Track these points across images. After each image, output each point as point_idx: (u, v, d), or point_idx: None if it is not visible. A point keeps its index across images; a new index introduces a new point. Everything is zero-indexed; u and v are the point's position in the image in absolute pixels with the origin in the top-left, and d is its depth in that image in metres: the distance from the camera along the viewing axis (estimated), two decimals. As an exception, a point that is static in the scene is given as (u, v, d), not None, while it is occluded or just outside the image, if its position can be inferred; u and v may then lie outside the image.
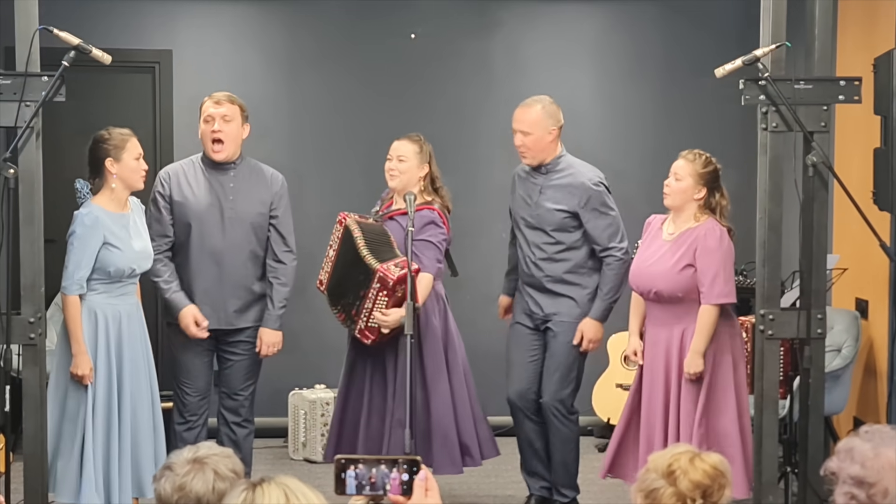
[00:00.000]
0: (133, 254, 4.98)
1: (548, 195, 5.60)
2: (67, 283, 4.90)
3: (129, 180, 5.01)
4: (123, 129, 5.06)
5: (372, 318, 5.25)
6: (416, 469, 2.45)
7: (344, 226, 5.35)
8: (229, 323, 5.47)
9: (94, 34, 5.11)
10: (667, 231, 5.20)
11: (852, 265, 6.36)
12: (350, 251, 5.28)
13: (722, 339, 5.13)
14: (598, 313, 5.58)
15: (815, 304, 4.76)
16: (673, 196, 5.17)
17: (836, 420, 6.53)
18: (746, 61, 4.72)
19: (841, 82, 4.75)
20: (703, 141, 7.04)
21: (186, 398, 5.48)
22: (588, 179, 5.58)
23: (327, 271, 5.42)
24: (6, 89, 4.58)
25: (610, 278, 5.54)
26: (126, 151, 4.98)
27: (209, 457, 2.69)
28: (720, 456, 2.89)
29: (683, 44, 7.54)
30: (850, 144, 6.55)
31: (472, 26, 7.53)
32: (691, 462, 2.80)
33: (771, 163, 4.75)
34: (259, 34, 7.52)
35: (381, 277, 5.18)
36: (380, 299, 5.22)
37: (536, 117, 5.58)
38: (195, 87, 7.13)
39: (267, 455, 6.86)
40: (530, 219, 5.64)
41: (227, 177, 5.45)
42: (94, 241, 4.88)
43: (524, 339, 5.71)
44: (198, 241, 5.39)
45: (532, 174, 5.67)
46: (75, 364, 4.89)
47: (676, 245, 5.13)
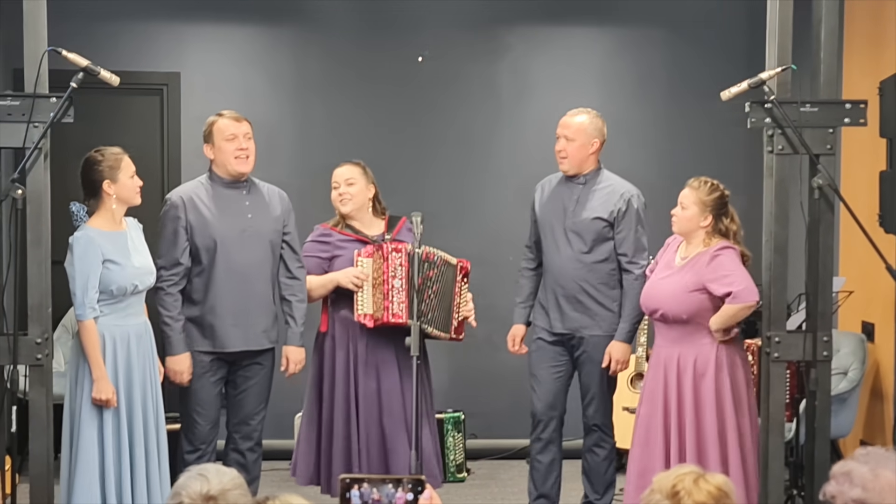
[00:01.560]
0: (133, 269, 4.92)
1: (587, 204, 5.59)
2: (80, 310, 4.82)
3: (128, 199, 4.96)
4: (114, 147, 4.99)
5: (460, 312, 5.50)
6: (421, 489, 2.45)
7: (405, 252, 5.32)
8: (258, 343, 5.40)
9: (102, 56, 5.13)
10: (679, 256, 5.20)
11: (858, 288, 6.36)
12: (429, 268, 5.32)
13: (732, 364, 5.10)
14: (624, 335, 5.57)
15: (822, 326, 4.76)
16: (679, 224, 5.18)
17: (843, 443, 6.52)
18: (752, 84, 4.74)
19: (847, 105, 4.76)
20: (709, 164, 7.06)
21: (198, 427, 5.39)
22: (627, 191, 5.62)
23: (403, 301, 5.31)
24: (15, 110, 4.60)
25: (631, 298, 5.53)
26: (121, 171, 4.93)
27: (222, 493, 2.64)
28: (725, 477, 2.88)
29: (689, 67, 7.56)
30: (856, 167, 6.56)
31: (479, 50, 7.56)
32: (695, 483, 2.79)
33: (777, 185, 4.76)
34: (266, 57, 7.55)
35: (462, 268, 5.48)
36: (464, 290, 5.50)
37: (583, 125, 5.59)
38: (203, 109, 7.12)
39: (273, 477, 6.85)
40: (567, 227, 5.62)
41: (241, 195, 5.42)
42: (93, 262, 4.82)
43: (548, 353, 5.67)
44: (223, 261, 5.31)
45: (569, 183, 5.67)
46: (97, 389, 4.80)
47: (686, 268, 5.12)
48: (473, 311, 5.58)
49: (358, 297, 5.34)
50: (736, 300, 4.98)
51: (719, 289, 5.02)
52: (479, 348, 7.29)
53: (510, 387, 7.17)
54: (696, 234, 5.14)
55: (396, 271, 5.31)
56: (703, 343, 5.08)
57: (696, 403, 5.05)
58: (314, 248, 5.52)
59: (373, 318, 5.31)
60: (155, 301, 5.23)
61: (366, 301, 5.32)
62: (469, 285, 5.55)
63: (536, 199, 5.77)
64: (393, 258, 5.32)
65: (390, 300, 5.29)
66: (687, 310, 5.07)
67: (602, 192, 5.62)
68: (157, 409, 5.03)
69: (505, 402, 7.28)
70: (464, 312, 5.53)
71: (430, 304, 5.33)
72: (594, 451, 5.69)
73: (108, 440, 4.84)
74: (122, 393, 4.88)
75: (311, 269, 5.49)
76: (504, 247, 7.04)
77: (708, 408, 5.03)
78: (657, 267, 5.30)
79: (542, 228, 5.71)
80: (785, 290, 4.84)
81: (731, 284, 5.00)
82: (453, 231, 6.55)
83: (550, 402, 5.65)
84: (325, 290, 5.45)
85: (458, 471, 6.93)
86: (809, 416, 4.83)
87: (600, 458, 5.68)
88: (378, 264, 5.33)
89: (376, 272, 5.32)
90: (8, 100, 4.62)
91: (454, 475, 6.85)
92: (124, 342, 4.92)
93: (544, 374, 5.68)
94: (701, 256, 5.11)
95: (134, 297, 4.97)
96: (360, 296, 5.34)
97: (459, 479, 6.90)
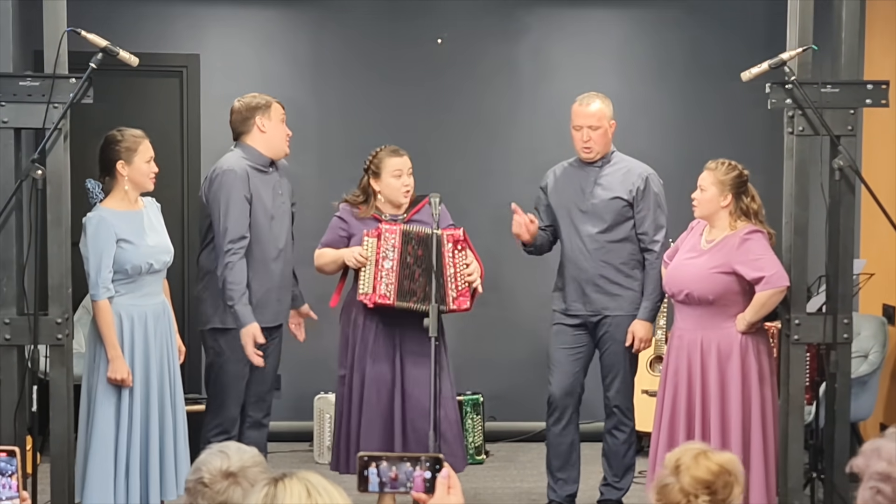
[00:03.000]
0: (147, 248, 4.91)
1: (605, 184, 5.58)
2: (94, 290, 4.83)
3: (140, 183, 4.95)
4: (136, 130, 4.99)
5: (460, 280, 5.29)
6: (439, 467, 2.45)
7: (401, 231, 5.28)
8: (285, 318, 5.55)
9: (122, 38, 5.13)
10: (705, 239, 5.16)
11: (879, 270, 6.33)
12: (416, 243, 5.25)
13: (758, 351, 5.06)
14: (647, 313, 5.57)
15: (842, 308, 4.74)
16: (700, 207, 5.15)
17: (863, 426, 6.50)
18: (773, 65, 4.72)
19: (868, 86, 4.73)
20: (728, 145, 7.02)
21: (230, 411, 5.38)
22: (644, 170, 5.63)
23: (392, 282, 5.26)
24: (35, 91, 4.61)
25: (653, 277, 5.53)
26: (138, 154, 4.92)
27: (242, 469, 2.66)
28: (732, 455, 2.91)
29: (709, 48, 7.53)
30: (878, 148, 6.52)
31: (498, 31, 7.53)
32: (695, 459, 2.85)
33: (797, 167, 4.74)
34: (286, 38, 7.55)
35: (449, 235, 5.25)
36: (458, 256, 5.27)
37: (601, 111, 5.59)
38: (222, 91, 7.16)
39: (292, 459, 6.88)
40: (585, 209, 5.61)
41: (272, 176, 5.43)
42: (106, 242, 4.82)
43: (568, 337, 5.67)
44: (268, 240, 5.33)
45: (584, 166, 5.66)
46: (112, 369, 4.81)
47: (714, 251, 5.08)
48: (476, 275, 5.33)
49: (360, 275, 5.34)
50: (768, 285, 4.91)
51: (750, 272, 4.96)
52: (498, 330, 7.29)
53: (529, 369, 7.16)
54: (718, 216, 5.11)
55: (388, 252, 5.27)
56: (727, 326, 5.05)
57: (721, 386, 5.02)
58: (337, 223, 5.51)
59: (368, 298, 5.29)
60: (223, 274, 5.18)
61: (366, 281, 5.31)
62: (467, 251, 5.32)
63: (548, 185, 5.75)
64: (386, 238, 5.28)
65: (379, 280, 5.28)
66: (713, 290, 5.04)
67: (618, 172, 5.62)
68: (175, 389, 5.03)
69: (524, 385, 7.28)
70: (465, 279, 5.32)
71: (420, 283, 5.25)
72: (614, 433, 5.69)
73: (124, 420, 4.86)
74: (137, 373, 4.88)
75: (330, 241, 5.48)
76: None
77: (733, 391, 4.99)
78: (681, 249, 5.27)
79: (559, 213, 5.70)
80: (805, 272, 4.82)
81: (762, 269, 4.94)
82: (470, 213, 6.53)
83: (567, 388, 5.64)
84: (336, 265, 5.44)
85: (477, 453, 6.94)
86: (829, 398, 4.82)
87: (620, 441, 5.68)
88: (376, 244, 5.32)
89: (375, 252, 5.32)
90: (28, 80, 4.63)
91: (473, 457, 6.85)
92: (141, 322, 4.92)
93: (563, 358, 5.67)
94: (729, 239, 5.07)
95: (150, 277, 4.96)
96: (362, 275, 5.33)
97: (478, 461, 6.91)
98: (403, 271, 5.25)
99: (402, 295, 5.24)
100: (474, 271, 5.32)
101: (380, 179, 5.39)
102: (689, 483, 2.80)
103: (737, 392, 5.00)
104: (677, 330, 5.20)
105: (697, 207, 5.17)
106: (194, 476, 2.68)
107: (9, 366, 4.69)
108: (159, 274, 5.02)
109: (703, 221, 5.22)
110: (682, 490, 2.81)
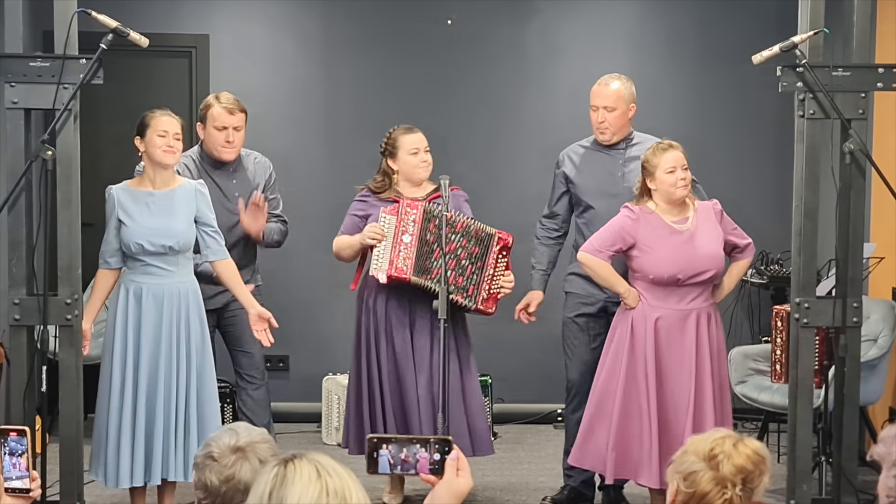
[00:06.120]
0: (142, 229, 4.90)
1: (635, 168, 5.44)
2: (100, 259, 5.01)
3: (152, 156, 4.96)
4: (164, 108, 5.06)
5: (495, 285, 5.39)
6: (448, 449, 2.46)
7: (422, 209, 5.29)
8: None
9: (131, 19, 5.13)
10: (679, 220, 5.11)
11: (889, 254, 6.31)
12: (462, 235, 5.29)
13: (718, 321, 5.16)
14: None
15: (851, 292, 4.74)
16: (688, 186, 5.13)
17: (872, 410, 6.49)
18: (784, 48, 4.70)
19: (880, 69, 4.72)
20: (740, 128, 7.02)
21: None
22: None
23: (409, 257, 5.27)
24: (45, 72, 4.62)
25: None
26: (150, 128, 4.96)
27: (251, 445, 2.68)
28: (761, 443, 2.90)
29: (720, 30, 7.50)
30: (889, 132, 6.50)
31: (508, 13, 7.51)
32: (735, 447, 2.82)
33: (808, 150, 4.73)
34: (295, 20, 7.53)
35: (501, 239, 5.38)
36: (500, 262, 5.39)
37: (620, 92, 5.52)
38: (232, 72, 7.16)
39: (300, 440, 6.89)
40: (616, 192, 5.47)
41: (228, 173, 5.57)
42: (109, 215, 4.96)
43: (586, 325, 5.60)
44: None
45: (608, 149, 5.59)
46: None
47: (703, 228, 5.07)
48: (508, 289, 5.45)
49: (375, 253, 5.33)
50: (748, 252, 5.24)
51: (739, 240, 5.21)
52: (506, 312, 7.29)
53: (537, 351, 7.16)
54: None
55: (408, 227, 5.27)
56: (708, 297, 5.15)
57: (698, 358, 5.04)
58: (355, 206, 5.52)
59: (384, 272, 5.27)
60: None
61: (382, 257, 5.30)
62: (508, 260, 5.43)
63: (567, 169, 5.64)
64: (406, 213, 5.28)
65: (397, 254, 5.27)
66: (722, 267, 5.14)
67: (643, 152, 5.55)
68: (189, 369, 4.97)
69: (532, 367, 7.28)
70: (503, 286, 5.42)
71: (437, 264, 5.23)
72: None
73: (128, 394, 4.89)
74: (129, 347, 4.90)
75: (347, 227, 5.48)
76: (532, 211, 6.99)
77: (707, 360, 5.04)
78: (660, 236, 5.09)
79: (587, 197, 5.59)
80: (815, 255, 4.81)
81: (744, 237, 5.23)
82: (480, 195, 6.52)
83: (584, 373, 5.58)
84: (353, 250, 5.44)
85: (485, 434, 6.95)
86: (838, 382, 4.82)
87: None
88: (396, 221, 5.31)
89: (395, 228, 5.30)
90: (38, 61, 4.64)
91: (481, 439, 6.86)
92: (151, 299, 4.92)
93: (581, 346, 5.60)
94: (704, 213, 5.10)
95: (157, 258, 4.94)
96: (377, 252, 5.31)
97: (486, 442, 6.91)
98: (422, 248, 5.26)
99: (419, 271, 5.24)
100: (511, 282, 5.44)
101: (397, 158, 5.40)
102: (731, 471, 2.78)
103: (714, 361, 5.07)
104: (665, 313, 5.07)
105: (686, 186, 5.11)
106: (203, 451, 2.70)
107: (18, 346, 4.71)
108: (176, 255, 4.96)
109: (645, 213, 5.14)
110: (717, 478, 2.78)
